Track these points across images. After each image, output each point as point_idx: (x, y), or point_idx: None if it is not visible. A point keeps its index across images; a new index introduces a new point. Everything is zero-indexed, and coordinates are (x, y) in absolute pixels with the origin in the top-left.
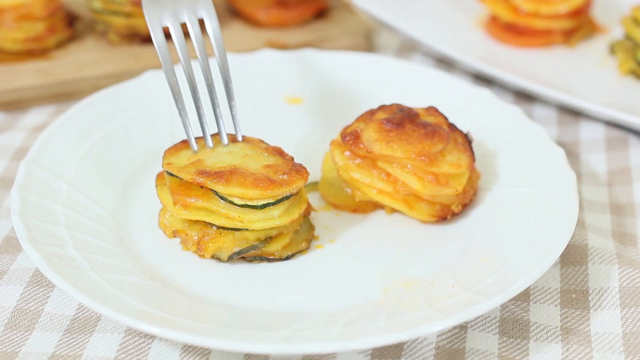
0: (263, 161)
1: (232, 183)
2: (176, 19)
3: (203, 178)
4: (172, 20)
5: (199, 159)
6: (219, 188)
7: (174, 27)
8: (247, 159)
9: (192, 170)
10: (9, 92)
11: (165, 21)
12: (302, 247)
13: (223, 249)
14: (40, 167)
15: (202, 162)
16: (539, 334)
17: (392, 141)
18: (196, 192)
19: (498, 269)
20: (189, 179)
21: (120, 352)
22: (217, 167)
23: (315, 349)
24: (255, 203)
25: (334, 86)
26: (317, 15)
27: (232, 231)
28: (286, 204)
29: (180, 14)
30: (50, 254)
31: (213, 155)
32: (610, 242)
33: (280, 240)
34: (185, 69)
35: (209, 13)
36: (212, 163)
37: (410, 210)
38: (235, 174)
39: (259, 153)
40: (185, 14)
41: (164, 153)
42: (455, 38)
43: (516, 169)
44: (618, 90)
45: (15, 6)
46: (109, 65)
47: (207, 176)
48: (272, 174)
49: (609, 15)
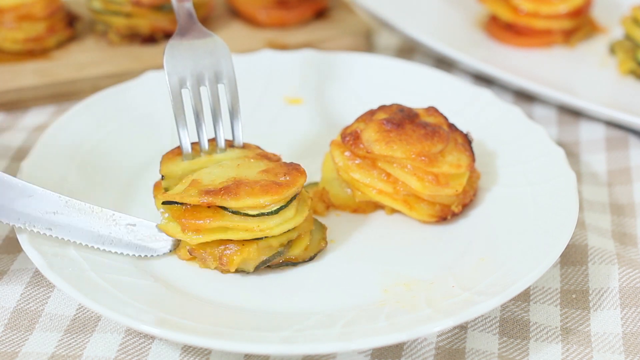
0: (256, 167)
1: (242, 195)
2: (196, 82)
3: (210, 197)
4: (191, 82)
5: (194, 179)
6: (231, 203)
7: (192, 91)
8: (242, 169)
9: (194, 192)
10: (9, 92)
11: (184, 83)
12: (322, 245)
13: (248, 260)
14: (41, 168)
15: (199, 182)
16: (539, 334)
17: (392, 141)
18: (205, 213)
19: (498, 269)
20: (196, 202)
21: (120, 352)
22: (218, 182)
23: (316, 350)
24: (270, 209)
25: (334, 86)
26: (317, 15)
27: (254, 241)
28: (295, 204)
29: (201, 78)
30: (50, 254)
31: (206, 172)
32: (610, 242)
33: (302, 243)
34: (200, 135)
35: (229, 82)
36: (210, 180)
37: (410, 210)
38: (241, 185)
39: (248, 161)
40: (206, 77)
41: (162, 159)
42: (455, 38)
43: (516, 169)
44: (618, 90)
45: (15, 6)
46: (109, 65)
47: (214, 195)
48: (274, 178)
49: (609, 15)
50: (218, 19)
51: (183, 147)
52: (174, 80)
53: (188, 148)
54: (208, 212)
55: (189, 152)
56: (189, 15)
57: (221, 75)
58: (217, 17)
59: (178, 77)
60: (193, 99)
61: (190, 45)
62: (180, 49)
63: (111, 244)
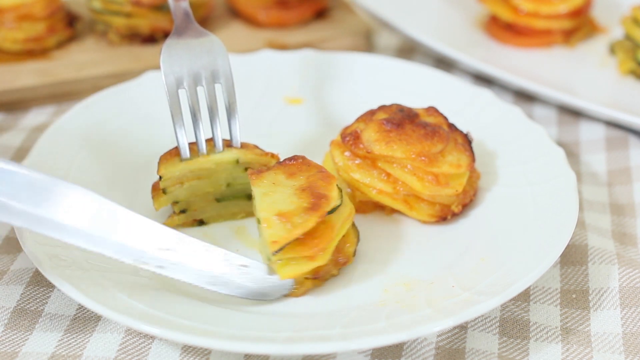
0: (289, 188)
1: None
2: (193, 82)
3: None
4: (188, 82)
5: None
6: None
7: (189, 90)
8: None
9: (294, 225)
10: (9, 92)
11: (181, 83)
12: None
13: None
14: (41, 168)
15: (286, 213)
16: (539, 334)
17: (392, 141)
18: (318, 231)
19: (498, 269)
20: (308, 227)
21: (120, 352)
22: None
23: (316, 349)
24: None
25: (334, 86)
26: (317, 15)
27: None
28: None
29: (197, 77)
30: (51, 254)
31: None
32: (610, 242)
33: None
34: (198, 136)
35: (226, 81)
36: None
37: (410, 210)
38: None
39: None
40: (203, 77)
41: (160, 159)
42: (455, 38)
43: (516, 169)
44: (618, 90)
45: (15, 6)
46: (109, 65)
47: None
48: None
49: (609, 15)
50: (218, 19)
51: (181, 147)
52: (171, 80)
53: (186, 148)
54: (320, 228)
55: (186, 152)
56: (186, 14)
57: (218, 74)
58: (217, 17)
59: (175, 77)
60: (190, 99)
61: (187, 44)
62: (177, 48)
63: (224, 286)
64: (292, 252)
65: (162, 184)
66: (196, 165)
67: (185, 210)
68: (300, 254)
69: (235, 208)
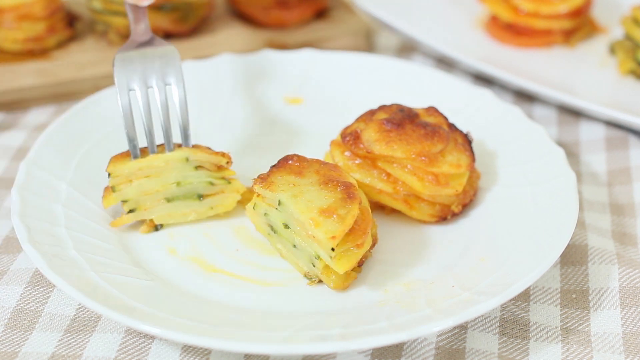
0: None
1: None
2: (144, 84)
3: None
4: (139, 84)
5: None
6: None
7: (140, 91)
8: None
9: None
10: (9, 92)
11: (133, 84)
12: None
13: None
14: (40, 168)
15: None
16: (539, 334)
17: (392, 141)
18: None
19: (498, 269)
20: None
21: (120, 352)
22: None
23: (316, 349)
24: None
25: (334, 86)
26: (317, 15)
27: None
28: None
29: (149, 79)
30: (51, 255)
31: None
32: (610, 242)
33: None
34: (148, 136)
35: (177, 81)
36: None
37: (410, 210)
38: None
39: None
40: (154, 79)
41: (110, 159)
42: (455, 38)
43: (516, 169)
44: (618, 90)
45: (15, 6)
46: (109, 65)
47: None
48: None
49: (609, 15)
50: (218, 19)
51: (130, 145)
52: (123, 82)
53: (136, 146)
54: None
55: (136, 150)
56: (146, 27)
57: (169, 77)
58: (217, 17)
59: (127, 80)
60: (143, 106)
61: (140, 52)
62: (131, 55)
63: None
64: (344, 244)
65: (110, 182)
66: (145, 163)
67: (134, 209)
68: (353, 243)
69: (186, 209)
